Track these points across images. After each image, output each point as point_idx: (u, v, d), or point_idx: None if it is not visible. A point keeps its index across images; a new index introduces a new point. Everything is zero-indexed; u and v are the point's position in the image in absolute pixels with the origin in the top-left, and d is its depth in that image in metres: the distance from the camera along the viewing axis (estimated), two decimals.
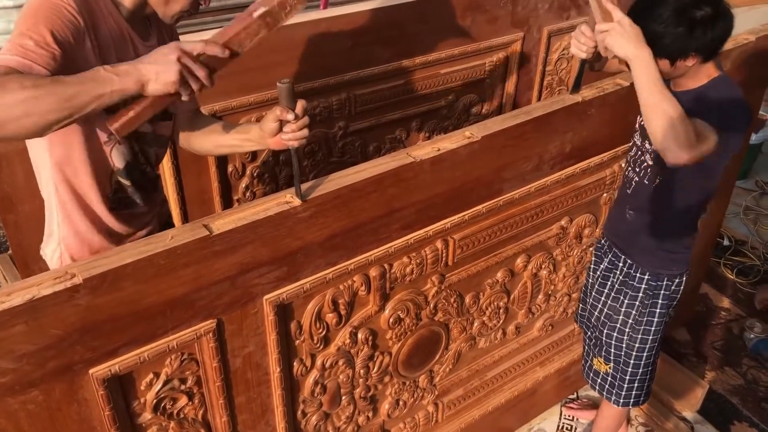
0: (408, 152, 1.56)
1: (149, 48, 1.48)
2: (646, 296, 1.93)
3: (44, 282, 1.16)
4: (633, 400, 2.06)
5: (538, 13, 2.75)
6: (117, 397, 1.34)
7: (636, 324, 1.96)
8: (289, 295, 1.49)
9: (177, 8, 1.45)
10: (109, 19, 1.40)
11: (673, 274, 1.90)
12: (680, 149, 1.48)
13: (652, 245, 1.88)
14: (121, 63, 1.27)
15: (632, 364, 2.00)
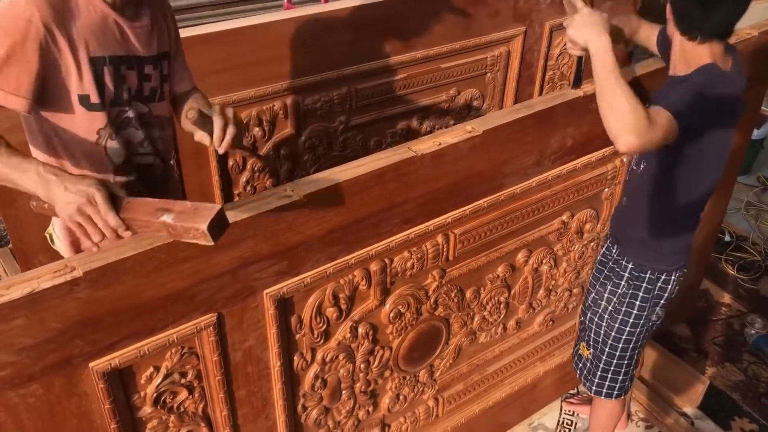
0: (409, 146, 1.55)
1: (139, 29, 1.50)
2: (627, 285, 1.92)
3: (44, 275, 1.16)
4: (605, 391, 2.05)
5: (539, 7, 2.74)
6: (117, 391, 1.34)
7: (615, 312, 1.95)
8: (290, 289, 1.48)
9: None
10: (88, 9, 1.39)
11: (657, 269, 1.86)
12: (628, 135, 1.46)
13: (638, 235, 1.87)
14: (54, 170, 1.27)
15: (607, 353, 1.99)
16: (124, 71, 1.48)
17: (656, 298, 1.90)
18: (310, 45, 2.24)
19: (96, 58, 1.41)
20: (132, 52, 1.49)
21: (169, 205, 1.22)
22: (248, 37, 2.12)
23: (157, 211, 1.22)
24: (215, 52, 2.08)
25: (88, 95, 1.42)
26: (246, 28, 2.12)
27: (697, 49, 1.63)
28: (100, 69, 1.42)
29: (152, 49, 1.54)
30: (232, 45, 2.10)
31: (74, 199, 1.23)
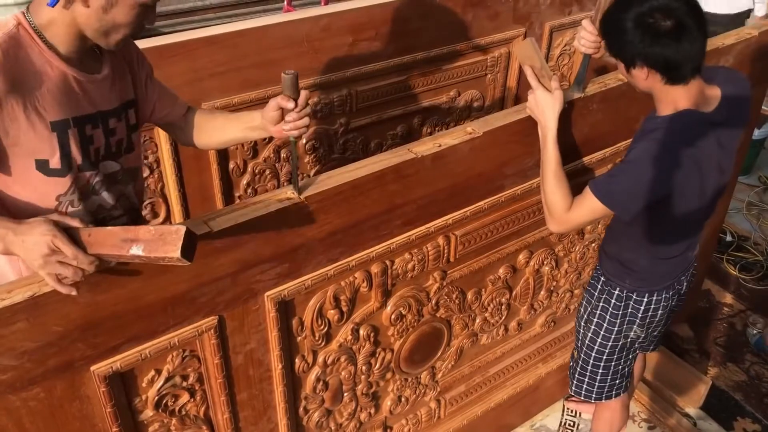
0: (409, 148, 1.55)
1: (100, 82, 1.40)
2: (599, 298, 1.92)
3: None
4: (584, 393, 2.06)
5: (539, 8, 2.74)
6: (118, 394, 1.34)
7: (588, 321, 1.96)
8: (291, 291, 1.48)
9: (119, 37, 1.33)
10: (46, 68, 1.29)
11: (625, 288, 1.85)
12: (550, 222, 1.73)
13: (611, 251, 1.88)
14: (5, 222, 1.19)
15: (582, 359, 2.01)
16: (90, 131, 1.39)
17: (630, 317, 1.88)
18: (310, 47, 2.25)
19: (58, 122, 1.31)
20: (96, 109, 1.39)
21: (133, 234, 1.17)
22: (249, 40, 2.12)
23: (124, 243, 1.16)
24: (217, 55, 2.08)
25: (47, 160, 1.31)
26: (246, 31, 2.12)
27: (669, 91, 1.57)
28: (64, 133, 1.32)
29: (114, 101, 1.44)
30: (233, 47, 2.10)
31: (37, 254, 1.14)
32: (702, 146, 1.59)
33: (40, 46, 1.29)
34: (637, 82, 1.60)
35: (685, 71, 1.53)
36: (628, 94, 1.88)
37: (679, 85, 1.56)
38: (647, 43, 1.50)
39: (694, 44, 1.50)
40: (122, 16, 1.29)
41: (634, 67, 1.56)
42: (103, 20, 1.29)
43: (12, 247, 1.18)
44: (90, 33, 1.31)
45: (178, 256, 1.12)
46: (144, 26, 1.36)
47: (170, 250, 1.13)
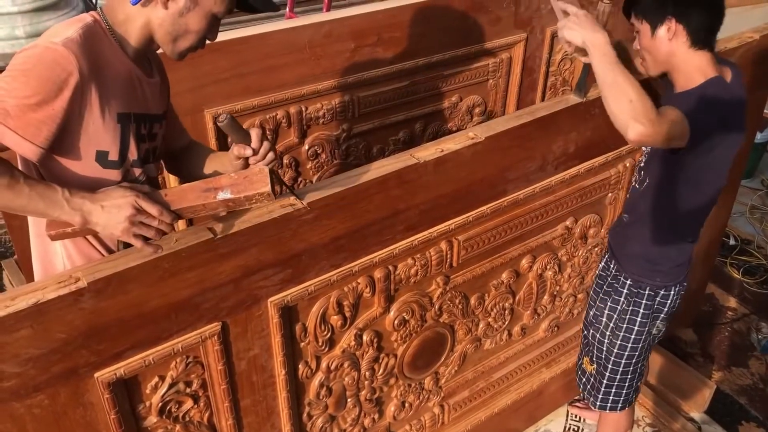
0: (412, 153, 1.56)
1: (154, 85, 1.45)
2: (627, 302, 1.90)
3: (49, 286, 1.16)
4: (610, 405, 2.04)
5: (540, 13, 2.74)
6: (122, 401, 1.34)
7: (616, 329, 1.93)
8: (294, 297, 1.48)
9: (185, 45, 1.39)
10: (115, 63, 1.34)
11: (656, 285, 1.85)
12: (637, 122, 1.42)
13: (637, 252, 1.87)
14: (78, 193, 1.24)
15: (610, 369, 1.98)
16: (143, 130, 1.43)
17: (656, 312, 1.88)
18: (312, 54, 2.25)
19: (123, 114, 1.35)
20: (149, 110, 1.45)
21: (215, 183, 1.26)
22: (251, 47, 2.13)
23: (208, 192, 1.25)
24: (219, 62, 2.09)
25: (107, 152, 1.34)
26: (249, 38, 2.13)
27: (693, 57, 1.60)
28: (126, 126, 1.36)
29: (160, 108, 1.50)
30: (235, 54, 2.11)
31: (121, 216, 1.22)
32: (739, 109, 1.61)
33: (111, 41, 1.35)
34: (660, 46, 1.60)
35: (713, 33, 1.56)
36: None
37: (702, 51, 1.57)
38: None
39: (718, 9, 1.54)
40: (195, 22, 1.36)
41: (661, 25, 1.57)
42: (177, 24, 1.35)
43: (91, 215, 1.24)
44: (160, 36, 1.37)
45: (268, 190, 1.24)
46: (206, 40, 1.42)
47: (261, 187, 1.24)
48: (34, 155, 1.25)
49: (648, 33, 1.61)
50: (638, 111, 1.42)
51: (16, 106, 1.20)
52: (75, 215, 1.24)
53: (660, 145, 1.52)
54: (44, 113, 1.22)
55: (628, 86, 1.43)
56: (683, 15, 1.55)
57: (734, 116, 1.61)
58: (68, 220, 1.25)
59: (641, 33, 1.64)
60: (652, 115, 1.41)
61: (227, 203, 1.25)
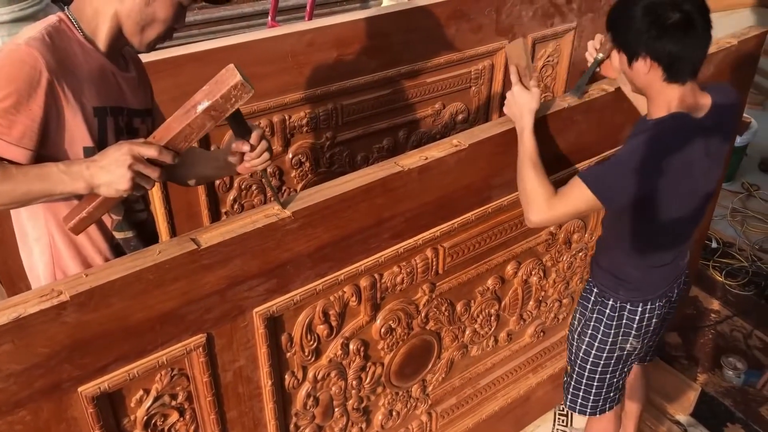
0: (396, 161, 1.56)
1: (130, 79, 1.48)
2: (592, 310, 1.91)
3: (30, 300, 1.15)
4: (579, 408, 2.03)
5: (522, 20, 2.76)
6: (107, 415, 1.32)
7: (582, 334, 1.93)
8: (279, 307, 1.48)
9: (153, 35, 1.42)
10: (86, 59, 1.36)
11: (619, 298, 1.84)
12: (528, 213, 1.67)
13: (603, 263, 1.87)
14: (74, 162, 1.27)
15: (577, 372, 1.99)
16: (121, 123, 1.45)
17: (625, 328, 1.86)
18: (295, 62, 2.25)
19: (99, 108, 1.38)
20: (126, 105, 1.47)
21: (190, 102, 1.27)
22: (234, 56, 2.12)
23: (187, 113, 1.27)
24: (202, 71, 2.05)
25: (94, 147, 1.36)
26: (231, 47, 2.12)
27: (666, 91, 1.58)
28: (103, 120, 1.39)
29: (140, 103, 1.52)
30: (218, 63, 2.06)
31: (123, 169, 1.24)
32: (692, 151, 1.60)
33: (80, 39, 1.37)
34: (637, 76, 1.60)
35: (686, 69, 1.56)
36: (612, 105, 1.90)
37: (676, 85, 1.57)
38: (654, 34, 1.52)
39: (699, 42, 1.54)
40: (162, 11, 1.39)
41: (637, 59, 1.57)
42: (144, 13, 1.38)
43: (94, 178, 1.26)
44: (128, 26, 1.40)
45: (240, 80, 1.24)
46: (174, 30, 1.45)
47: (231, 80, 1.24)
48: (24, 158, 1.27)
49: (625, 62, 1.61)
50: (530, 203, 1.65)
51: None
52: (78, 183, 1.26)
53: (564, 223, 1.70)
54: (23, 114, 1.25)
55: (528, 178, 1.65)
56: (657, 51, 1.54)
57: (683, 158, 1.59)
58: (72, 190, 1.27)
59: (620, 59, 1.63)
60: (544, 205, 1.63)
61: (209, 113, 1.26)
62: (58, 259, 1.48)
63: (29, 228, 1.46)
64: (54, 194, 1.29)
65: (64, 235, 1.44)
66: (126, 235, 1.53)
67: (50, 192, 1.28)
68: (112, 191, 1.28)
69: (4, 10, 3.57)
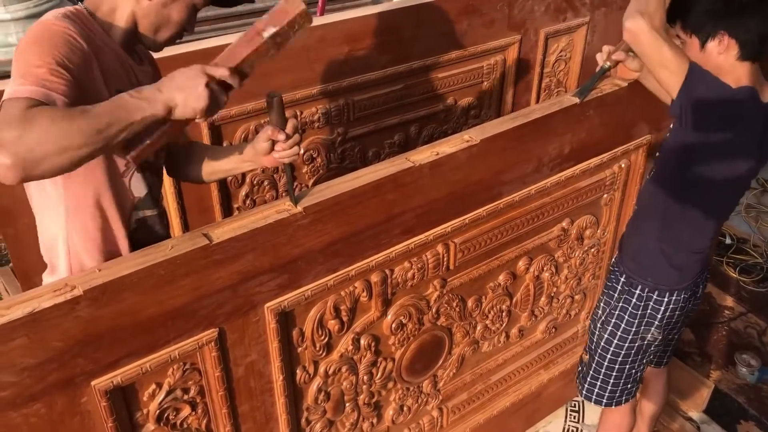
0: (407, 157, 1.55)
1: (145, 72, 1.48)
2: (618, 298, 1.91)
3: (44, 294, 1.16)
4: (595, 398, 2.03)
5: (534, 15, 2.75)
6: (120, 409, 1.34)
7: (605, 322, 1.94)
8: (291, 302, 1.48)
9: (166, 35, 1.44)
10: (106, 48, 1.37)
11: (647, 286, 1.83)
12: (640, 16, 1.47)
13: (634, 245, 1.86)
14: (143, 88, 1.23)
15: (596, 361, 1.99)
16: None
17: (649, 318, 1.86)
18: (307, 58, 2.25)
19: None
20: None
21: (253, 30, 1.29)
22: None
23: (253, 39, 1.29)
24: None
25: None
26: None
27: (736, 68, 1.56)
28: None
29: None
30: None
31: (200, 88, 1.21)
32: (755, 127, 1.58)
33: (98, 27, 1.37)
34: (709, 58, 1.57)
35: (761, 45, 1.54)
36: (625, 100, 1.89)
37: (748, 62, 1.55)
38: (734, 10, 1.50)
39: None
40: (177, 13, 1.41)
41: (712, 40, 1.55)
42: (160, 15, 1.39)
43: (173, 99, 1.20)
44: (144, 26, 1.41)
45: (305, 7, 1.27)
46: (185, 31, 1.47)
47: (297, 7, 1.27)
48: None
49: (696, 46, 1.58)
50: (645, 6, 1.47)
51: (48, 72, 1.19)
52: (156, 105, 1.20)
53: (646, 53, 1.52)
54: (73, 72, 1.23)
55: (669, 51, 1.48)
56: (736, 28, 1.52)
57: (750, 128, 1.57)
58: (152, 114, 1.20)
59: (688, 45, 1.60)
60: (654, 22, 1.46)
61: (275, 39, 1.29)
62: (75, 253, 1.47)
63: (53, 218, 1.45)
64: (134, 124, 1.19)
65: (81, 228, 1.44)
66: (151, 212, 1.53)
67: (131, 120, 1.18)
68: (189, 111, 1.23)
69: (18, 6, 3.60)
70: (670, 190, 1.73)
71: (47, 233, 1.48)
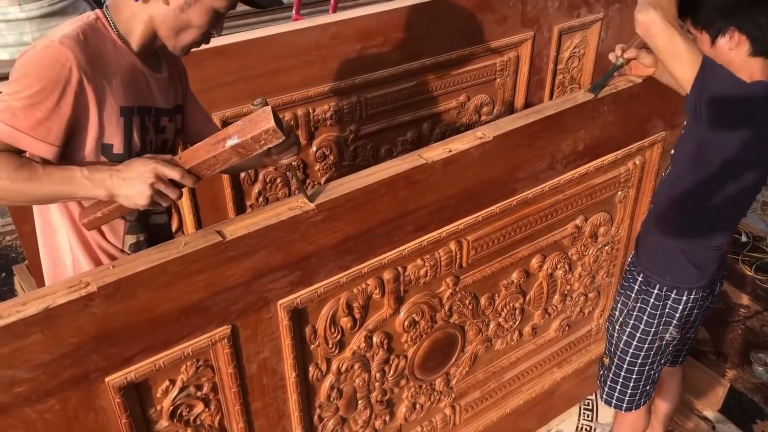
0: (420, 154, 1.55)
1: (161, 81, 1.49)
2: (635, 299, 1.89)
3: (59, 291, 1.16)
4: (615, 402, 2.01)
5: (548, 11, 2.73)
6: (133, 405, 1.34)
7: (624, 324, 1.92)
8: (303, 299, 1.48)
9: (188, 40, 1.43)
10: (119, 58, 1.38)
11: (665, 285, 1.81)
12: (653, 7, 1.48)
13: (652, 244, 1.84)
14: (98, 169, 1.30)
15: (616, 364, 1.97)
16: (147, 123, 1.47)
17: (667, 317, 1.85)
18: (319, 55, 2.25)
19: (126, 108, 1.39)
20: (155, 104, 1.48)
21: (222, 134, 1.30)
22: (257, 49, 2.13)
23: (217, 144, 1.30)
24: (225, 65, 2.09)
25: (112, 145, 1.38)
26: (255, 41, 2.13)
27: (749, 64, 1.55)
28: (129, 119, 1.40)
29: (169, 102, 1.53)
30: (241, 57, 2.11)
31: (144, 186, 1.28)
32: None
33: (115, 38, 1.39)
34: (719, 55, 1.56)
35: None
36: (639, 96, 1.87)
37: (759, 58, 1.54)
38: (745, 7, 1.49)
39: None
40: (197, 17, 1.40)
41: (723, 36, 1.54)
42: (179, 19, 1.39)
43: (115, 188, 1.30)
44: (163, 31, 1.41)
45: (273, 126, 1.25)
46: (210, 35, 1.46)
47: (265, 125, 1.26)
48: (50, 154, 1.30)
49: (707, 42, 1.57)
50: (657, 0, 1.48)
51: (22, 108, 1.25)
52: (99, 190, 1.30)
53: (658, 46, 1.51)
54: (51, 111, 1.27)
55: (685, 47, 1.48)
56: (747, 24, 1.51)
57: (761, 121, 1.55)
58: (94, 196, 1.31)
59: (699, 41, 1.59)
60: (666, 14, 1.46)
61: (237, 149, 1.29)
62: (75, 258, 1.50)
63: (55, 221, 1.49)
64: (75, 197, 1.34)
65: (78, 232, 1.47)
66: (138, 238, 1.54)
67: (72, 195, 1.32)
68: (130, 204, 1.32)
69: (33, 5, 3.62)
70: (687, 187, 1.71)
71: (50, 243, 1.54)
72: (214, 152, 1.30)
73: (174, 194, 1.33)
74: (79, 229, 1.47)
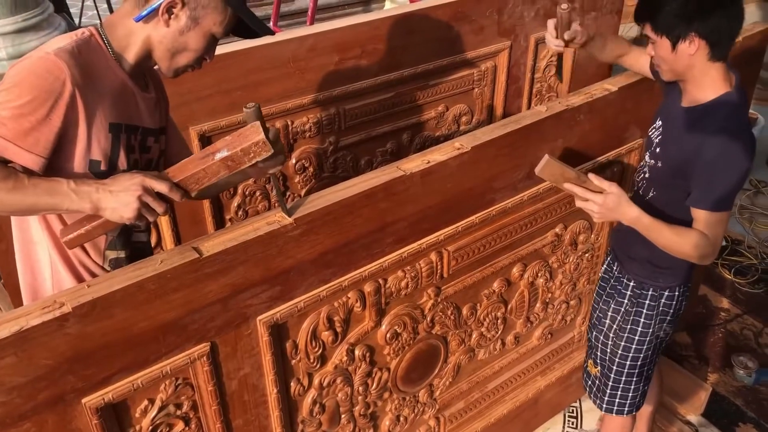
0: (398, 165, 1.55)
1: (149, 99, 1.49)
2: (630, 304, 1.90)
3: (33, 312, 1.14)
4: (616, 408, 2.02)
5: (524, 21, 2.75)
6: (112, 426, 1.32)
7: (620, 330, 1.93)
8: (283, 314, 1.47)
9: (182, 63, 1.43)
10: (110, 75, 1.38)
11: (659, 287, 1.84)
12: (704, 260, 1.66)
13: (641, 255, 1.85)
14: (85, 182, 1.29)
15: (615, 371, 1.97)
16: (133, 141, 1.46)
17: (662, 315, 1.87)
18: (297, 67, 2.25)
19: (114, 125, 1.38)
20: (142, 123, 1.48)
21: (211, 148, 1.30)
22: (235, 62, 2.12)
23: (206, 157, 1.29)
24: (203, 78, 2.07)
25: (99, 161, 1.38)
26: (232, 54, 2.12)
27: (710, 70, 1.58)
28: (117, 137, 1.39)
29: (155, 122, 1.53)
30: (219, 71, 2.10)
31: (131, 199, 1.27)
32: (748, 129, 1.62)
33: (108, 55, 1.39)
34: (680, 60, 1.59)
35: (730, 44, 1.56)
36: (615, 104, 1.89)
37: (719, 63, 1.58)
38: (705, 11, 1.52)
39: (739, 14, 1.55)
40: (194, 41, 1.40)
41: (683, 41, 1.56)
42: (177, 42, 1.39)
43: (101, 201, 1.28)
44: (159, 52, 1.41)
45: (262, 138, 1.25)
46: (203, 60, 1.47)
47: (254, 137, 1.26)
48: (36, 165, 1.29)
49: (667, 47, 1.59)
50: (703, 253, 1.62)
51: (11, 117, 1.24)
52: (84, 203, 1.28)
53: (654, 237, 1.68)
54: (40, 122, 1.26)
55: (674, 242, 1.63)
56: (706, 29, 1.53)
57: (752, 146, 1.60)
58: (78, 209, 1.29)
59: (658, 45, 1.61)
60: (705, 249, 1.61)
61: (226, 162, 1.29)
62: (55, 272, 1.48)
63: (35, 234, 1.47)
64: (60, 209, 1.32)
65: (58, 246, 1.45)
66: (119, 255, 1.53)
67: (56, 207, 1.30)
68: (116, 217, 1.30)
69: (7, 21, 3.57)
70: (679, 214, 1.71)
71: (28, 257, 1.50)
72: (203, 166, 1.30)
73: (161, 208, 1.31)
74: (60, 243, 1.45)
